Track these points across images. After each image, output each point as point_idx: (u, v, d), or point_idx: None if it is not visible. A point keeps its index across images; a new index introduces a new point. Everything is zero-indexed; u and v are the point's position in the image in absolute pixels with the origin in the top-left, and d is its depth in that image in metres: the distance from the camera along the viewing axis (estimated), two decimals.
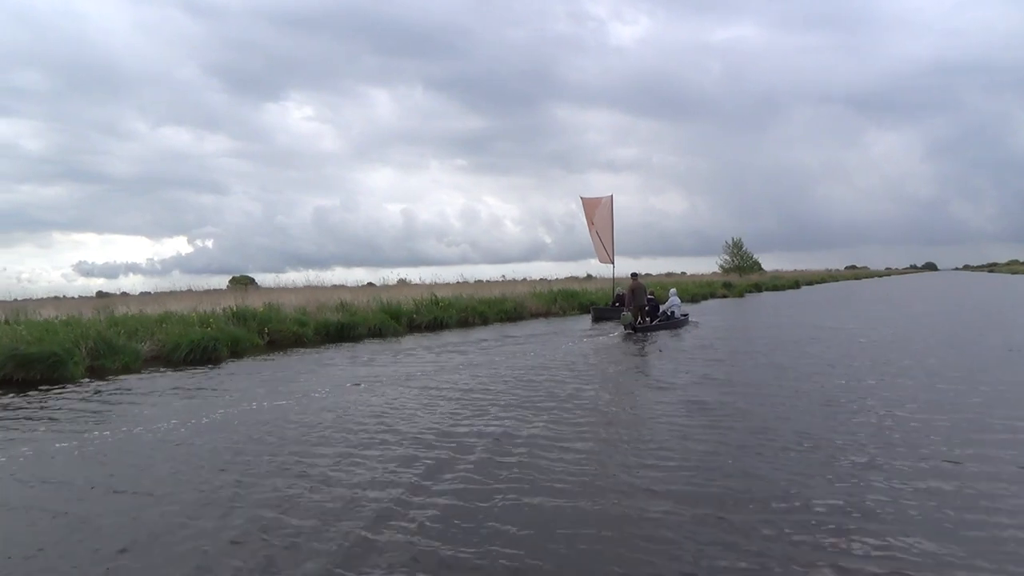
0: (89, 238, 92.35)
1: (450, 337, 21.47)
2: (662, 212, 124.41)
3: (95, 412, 9.87)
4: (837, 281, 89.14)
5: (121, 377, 13.33)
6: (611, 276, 31.65)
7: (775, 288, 62.88)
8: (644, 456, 6.69)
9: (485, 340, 19.65)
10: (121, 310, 20.66)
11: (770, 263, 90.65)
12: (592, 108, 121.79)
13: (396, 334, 22.68)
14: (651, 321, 21.26)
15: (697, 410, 8.79)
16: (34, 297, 24.12)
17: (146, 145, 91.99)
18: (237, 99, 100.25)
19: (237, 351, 17.08)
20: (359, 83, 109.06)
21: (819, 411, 8.44)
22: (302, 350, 18.29)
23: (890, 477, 5.71)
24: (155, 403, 10.49)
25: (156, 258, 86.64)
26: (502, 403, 9.51)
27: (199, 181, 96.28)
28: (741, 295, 50.58)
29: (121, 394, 11.48)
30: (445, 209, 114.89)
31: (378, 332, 22.12)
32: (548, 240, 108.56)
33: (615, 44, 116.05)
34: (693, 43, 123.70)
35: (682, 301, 25.62)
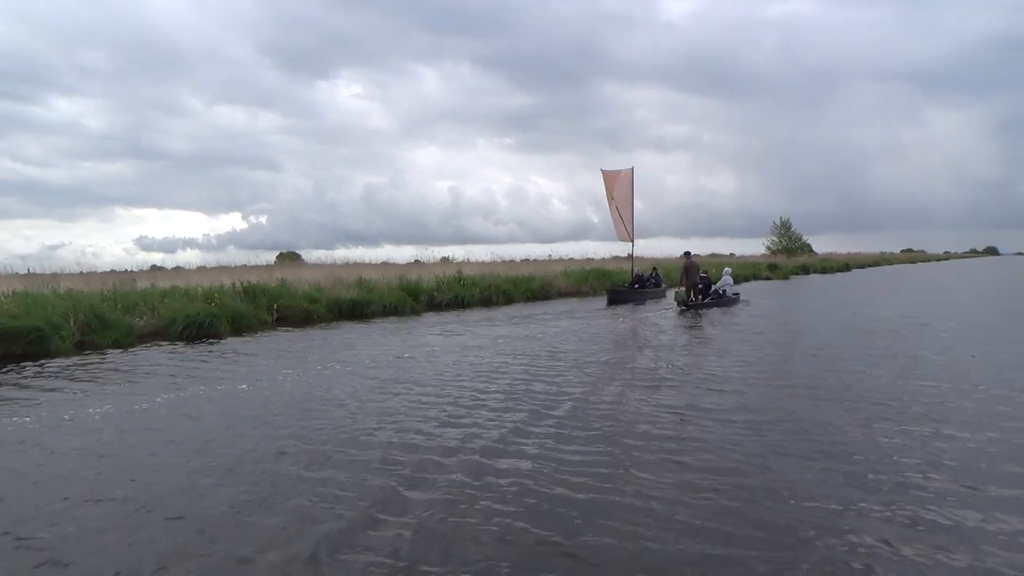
0: (149, 213, 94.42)
1: (470, 315, 20.64)
2: (712, 192, 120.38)
3: (34, 395, 9.25)
4: (891, 264, 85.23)
5: (108, 353, 12.79)
6: (653, 256, 30.76)
7: (823, 271, 60.18)
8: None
9: (504, 318, 18.66)
10: (145, 283, 20.37)
11: (824, 245, 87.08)
12: (641, 85, 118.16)
13: (414, 312, 21.91)
14: (703, 299, 21.36)
15: (753, 380, 9.23)
16: (98, 270, 24.22)
17: (202, 123, 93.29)
18: (289, 77, 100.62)
19: (240, 327, 16.51)
20: (407, 60, 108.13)
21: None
22: (310, 328, 17.62)
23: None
24: (109, 384, 9.81)
25: (212, 233, 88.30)
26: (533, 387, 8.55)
27: (253, 158, 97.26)
28: (786, 277, 48.37)
29: (89, 372, 10.88)
30: (492, 187, 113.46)
31: (393, 310, 21.36)
32: (596, 219, 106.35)
33: (665, 19, 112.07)
34: (746, 18, 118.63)
35: None
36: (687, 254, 22.41)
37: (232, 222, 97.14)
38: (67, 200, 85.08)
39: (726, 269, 25.20)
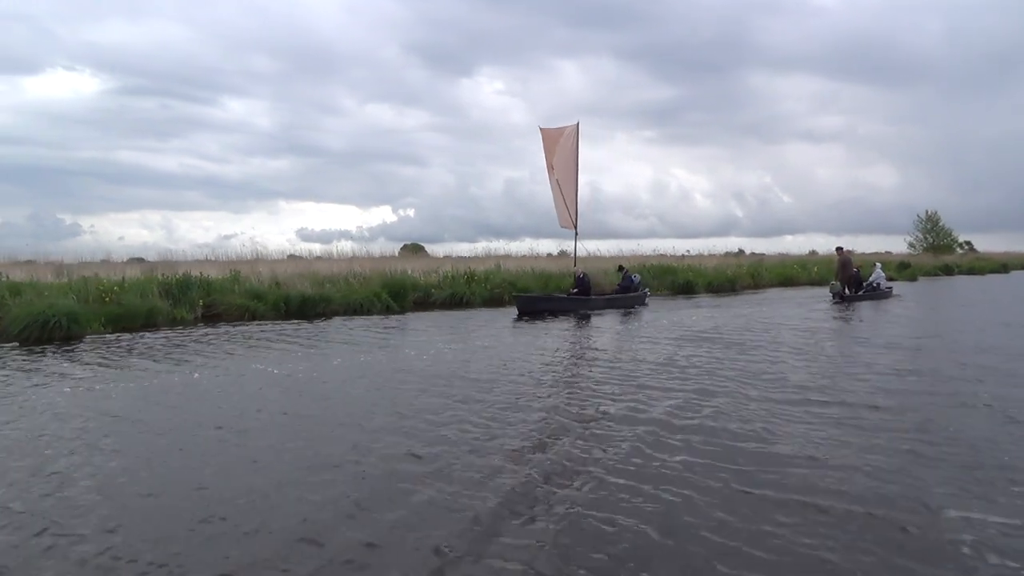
0: (308, 207, 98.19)
1: (448, 317, 16.83)
2: (870, 186, 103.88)
3: None
4: None
5: None
6: (817, 254, 24.86)
7: (972, 271, 49.75)
8: None
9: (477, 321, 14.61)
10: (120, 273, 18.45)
11: (995, 244, 72.83)
12: (790, 74, 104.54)
13: (391, 311, 18.33)
14: (855, 292, 21.56)
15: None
16: (268, 259, 24.38)
17: (355, 121, 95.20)
18: (434, 75, 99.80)
19: (127, 327, 13.76)
20: (548, 56, 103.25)
21: None
22: (233, 326, 14.56)
23: None
24: None
25: (364, 226, 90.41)
26: None
27: (401, 154, 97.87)
28: (914, 278, 39.70)
29: None
30: (632, 181, 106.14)
31: (360, 308, 17.90)
32: (740, 214, 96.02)
33: (816, 4, 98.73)
34: None
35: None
36: (839, 249, 22.43)
37: (383, 215, 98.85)
38: (239, 194, 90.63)
39: (877, 264, 25.28)
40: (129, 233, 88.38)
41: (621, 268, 22.18)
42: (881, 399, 6.95)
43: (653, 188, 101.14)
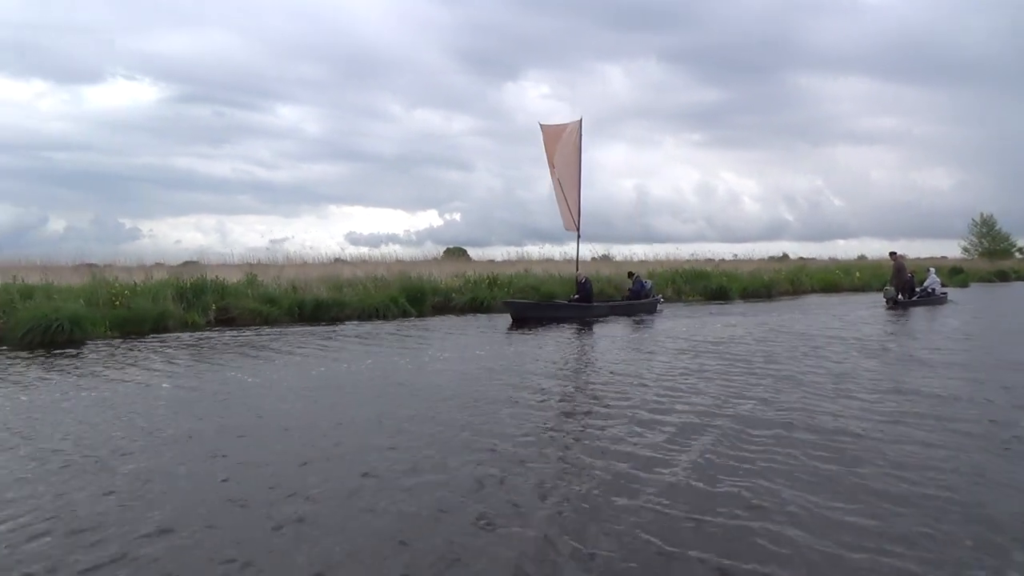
0: (357, 211, 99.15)
1: (461, 321, 16.31)
2: (926, 189, 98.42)
3: None
4: None
5: None
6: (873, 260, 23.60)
7: None
8: None
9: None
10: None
11: None
12: (839, 75, 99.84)
13: (406, 315, 17.90)
14: (910, 297, 21.48)
15: None
16: (314, 262, 25.27)
17: (403, 127, 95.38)
18: (480, 80, 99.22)
19: (135, 331, 13.56)
20: (593, 59, 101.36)
21: None
22: (229, 333, 14.28)
23: None
24: None
25: (412, 230, 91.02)
26: None
27: (448, 159, 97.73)
28: (964, 284, 37.58)
29: None
30: (680, 184, 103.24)
31: (375, 313, 17.49)
32: (790, 218, 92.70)
33: (865, 2, 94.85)
34: None
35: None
36: (893, 254, 22.64)
37: (429, 219, 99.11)
38: (290, 198, 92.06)
39: (931, 269, 24.94)
40: (186, 237, 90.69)
41: (631, 274, 20.99)
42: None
43: (701, 192, 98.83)
